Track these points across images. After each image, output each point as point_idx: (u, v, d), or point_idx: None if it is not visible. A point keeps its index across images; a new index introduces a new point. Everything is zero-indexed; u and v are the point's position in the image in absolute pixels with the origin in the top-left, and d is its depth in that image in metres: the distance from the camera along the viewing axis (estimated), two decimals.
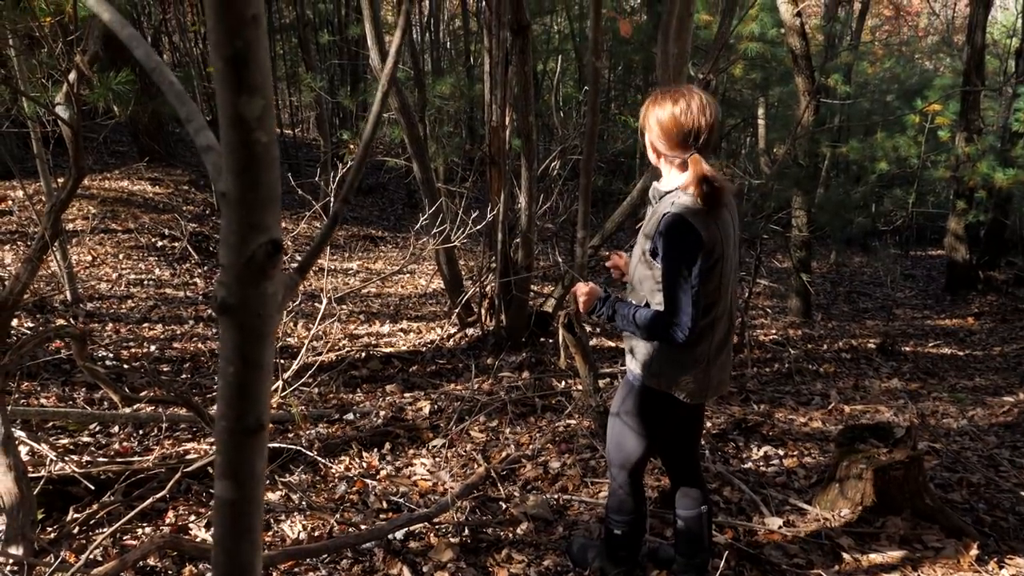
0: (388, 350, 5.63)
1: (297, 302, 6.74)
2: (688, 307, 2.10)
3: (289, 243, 8.88)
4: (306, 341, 3.95)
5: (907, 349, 7.60)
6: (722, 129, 11.46)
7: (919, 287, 12.08)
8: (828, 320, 9.07)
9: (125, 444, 3.70)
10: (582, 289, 2.43)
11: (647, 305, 2.27)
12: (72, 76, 2.73)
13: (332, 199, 4.21)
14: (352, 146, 7.77)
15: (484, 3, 5.55)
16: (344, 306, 7.06)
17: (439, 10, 14.33)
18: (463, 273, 6.65)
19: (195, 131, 0.56)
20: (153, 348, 5.27)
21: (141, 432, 3.86)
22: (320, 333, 5.85)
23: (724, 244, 2.16)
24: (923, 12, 21.41)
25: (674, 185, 2.21)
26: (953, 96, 9.84)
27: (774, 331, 7.93)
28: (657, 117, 2.18)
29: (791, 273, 8.72)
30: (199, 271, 7.64)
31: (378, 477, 3.59)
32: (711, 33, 7.89)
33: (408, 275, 8.70)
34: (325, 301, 4.41)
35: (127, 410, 3.88)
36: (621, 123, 8.64)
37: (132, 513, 2.56)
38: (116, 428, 3.85)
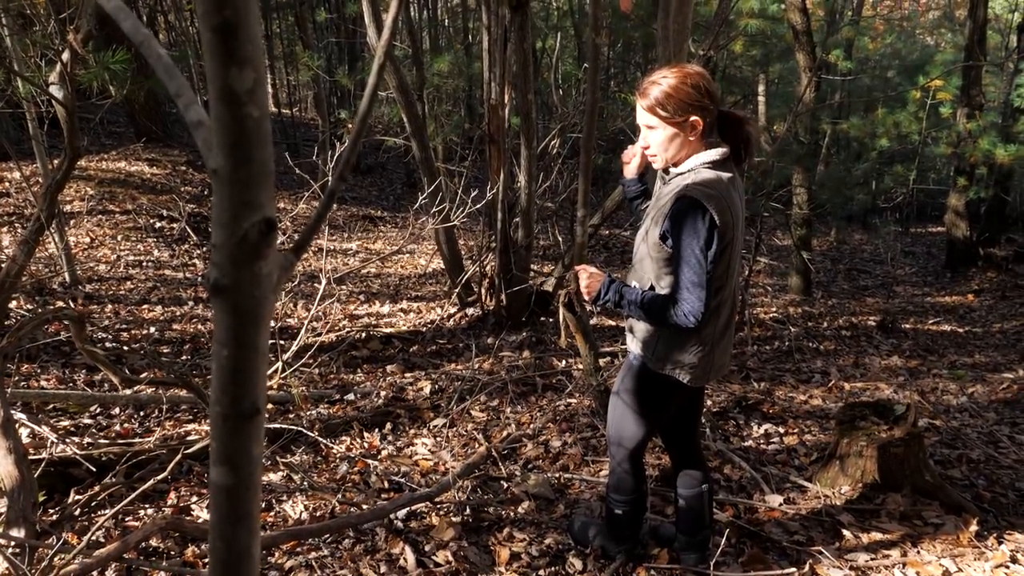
0: (388, 330, 5.62)
1: (296, 283, 6.73)
2: (701, 291, 2.07)
3: (288, 223, 8.85)
4: (306, 322, 3.94)
5: (907, 326, 7.60)
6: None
7: (919, 264, 12.06)
8: (828, 297, 9.06)
9: (126, 426, 3.70)
10: (585, 274, 2.36)
11: (652, 288, 2.24)
12: (66, 56, 2.69)
13: (330, 178, 4.19)
14: (350, 125, 7.71)
15: None
16: (344, 286, 7.05)
17: None
18: (463, 252, 6.62)
19: (185, 106, 0.54)
20: (152, 330, 5.26)
21: (142, 414, 3.86)
22: (320, 314, 5.84)
23: (735, 227, 2.13)
24: None
25: (688, 166, 2.17)
26: (955, 72, 9.76)
27: (774, 309, 7.93)
28: (667, 88, 2.13)
29: (791, 251, 8.70)
30: (198, 252, 7.62)
31: (379, 457, 3.60)
32: (711, 9, 7.81)
33: (408, 255, 8.67)
34: (324, 282, 4.39)
35: (127, 392, 3.88)
36: (621, 101, 8.58)
37: (134, 495, 2.56)
38: (116, 410, 3.85)
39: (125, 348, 4.77)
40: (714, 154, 2.16)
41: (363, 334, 5.48)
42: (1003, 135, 9.21)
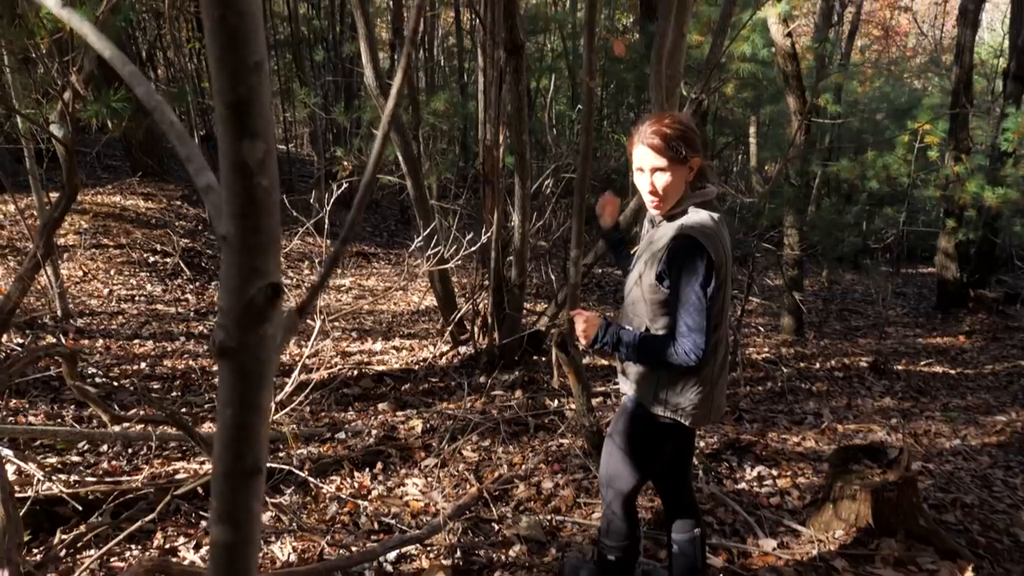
0: (380, 368, 5.61)
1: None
2: (703, 329, 2.09)
3: (281, 259, 8.85)
4: (299, 360, 3.94)
5: (899, 368, 7.62)
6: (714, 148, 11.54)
7: (910, 305, 12.12)
8: (820, 338, 9.09)
9: (114, 463, 3.67)
10: (581, 318, 2.35)
11: (646, 330, 2.25)
12: (67, 95, 2.72)
13: (326, 216, 4.21)
14: (346, 163, 7.78)
15: (479, 23, 5.58)
16: (337, 323, 7.04)
17: (433, 28, 14.40)
18: (456, 290, 6.64)
19: (195, 172, 0.56)
20: (143, 365, 5.24)
21: (130, 451, 3.83)
22: (313, 351, 5.82)
23: (727, 265, 2.17)
24: (911, 32, 21.65)
25: (679, 208, 2.22)
26: (942, 116, 9.92)
27: (767, 349, 7.94)
28: (653, 131, 2.19)
29: (783, 291, 8.74)
30: (191, 287, 7.62)
31: (370, 497, 3.57)
32: (703, 53, 7.94)
33: (401, 291, 8.68)
34: (319, 320, 4.40)
35: (116, 428, 3.85)
36: (614, 142, 8.68)
37: (121, 536, 2.53)
38: (105, 447, 3.82)
39: (115, 384, 4.74)
40: (704, 195, 2.21)
41: (355, 372, 5.46)
42: (991, 178, 9.32)
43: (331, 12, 14.08)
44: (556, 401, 5.05)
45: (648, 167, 2.20)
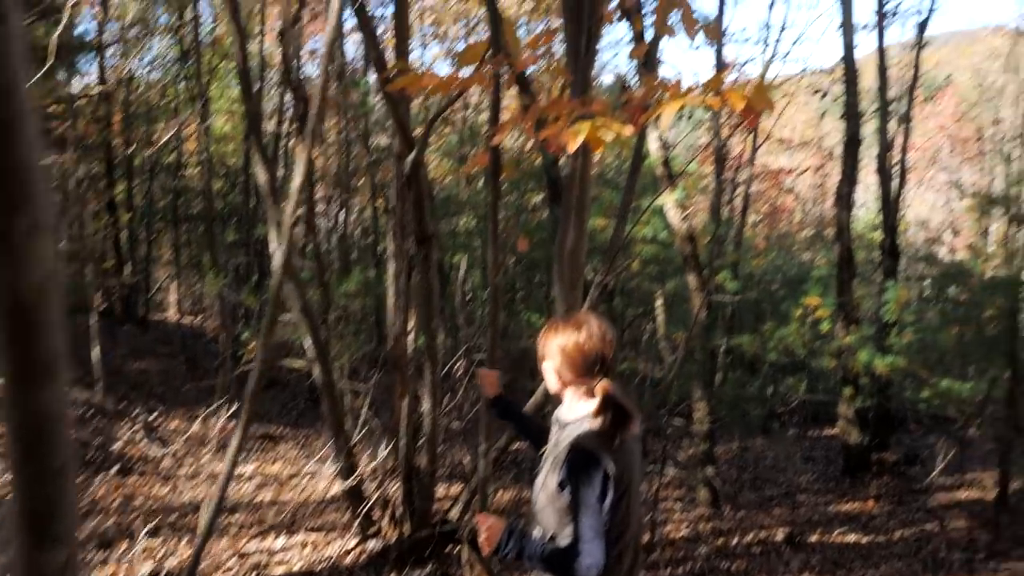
0: (281, 571, 5.22)
1: (182, 515, 6.27)
2: (600, 540, 2.03)
3: (180, 444, 8.44)
4: (185, 568, 3.62)
5: (813, 539, 7.62)
6: (619, 349, 11.90)
7: (819, 470, 12.32)
8: (737, 509, 9.06)
9: None
10: (484, 525, 2.25)
11: (553, 537, 2.18)
12: None
13: (227, 401, 4.05)
14: (252, 345, 7.63)
15: (388, 211, 5.75)
16: (235, 515, 6.60)
17: (348, 203, 14.77)
18: (365, 477, 6.39)
19: None
20: None
21: None
22: (205, 552, 5.39)
23: (631, 471, 2.14)
24: (796, 208, 23.49)
25: (579, 414, 2.21)
26: (829, 288, 10.60)
27: (684, 525, 7.84)
28: (560, 345, 2.23)
29: (697, 462, 8.78)
30: None
31: None
32: (607, 236, 8.36)
33: (308, 477, 8.29)
34: (211, 514, 4.10)
35: None
36: (525, 320, 8.87)
37: None
38: None
39: None
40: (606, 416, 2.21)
41: (253, 575, 5.06)
42: (879, 347, 9.87)
43: (246, 188, 14.27)
44: None
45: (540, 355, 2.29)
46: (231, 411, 7.74)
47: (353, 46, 16.81)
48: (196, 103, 11.29)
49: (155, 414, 9.33)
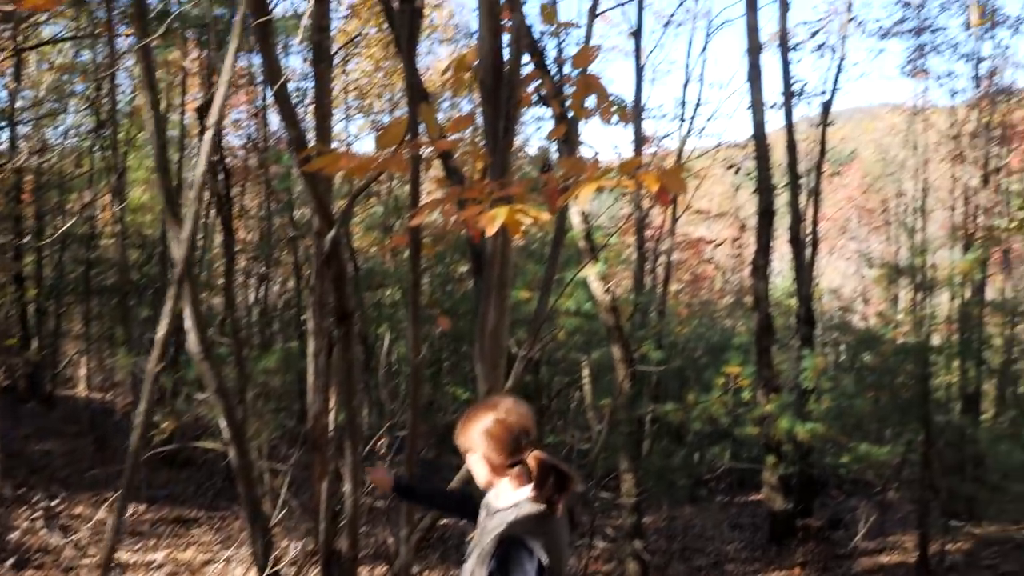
0: None
1: None
2: None
3: (85, 533, 7.93)
4: None
5: None
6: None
7: (746, 537, 12.39)
8: None
9: None
10: None
11: None
12: None
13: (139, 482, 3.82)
14: (165, 425, 7.32)
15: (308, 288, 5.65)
16: None
17: (269, 276, 14.50)
18: (284, 559, 6.10)
19: None
20: None
21: None
22: None
23: (560, 551, 2.09)
24: (716, 277, 24.21)
25: (511, 500, 2.16)
26: (750, 356, 10.86)
27: None
28: (483, 429, 2.18)
29: (626, 534, 8.71)
30: None
31: None
32: (531, 308, 8.40)
33: (224, 563, 7.87)
34: None
35: None
36: (451, 393, 8.77)
37: None
38: None
39: None
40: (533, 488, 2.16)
41: None
42: (799, 414, 10.11)
43: (163, 259, 13.86)
44: None
45: (462, 450, 2.24)
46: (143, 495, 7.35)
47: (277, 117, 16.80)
48: (111, 174, 11.01)
49: (57, 499, 8.76)
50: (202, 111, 6.31)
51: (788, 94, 12.36)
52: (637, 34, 12.39)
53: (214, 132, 4.84)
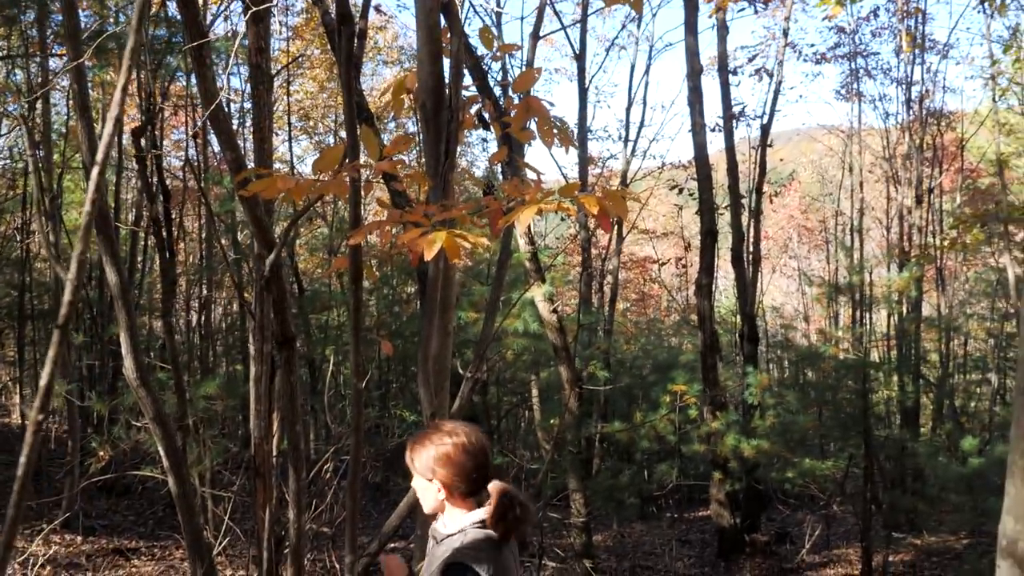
0: None
1: None
2: None
3: (16, 567, 7.61)
4: None
5: None
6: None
7: (695, 553, 12.48)
8: None
9: None
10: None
11: None
12: None
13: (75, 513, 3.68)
14: (101, 453, 7.08)
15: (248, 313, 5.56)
16: None
17: (210, 300, 14.20)
18: None
19: None
20: None
21: None
22: None
23: (509, 574, 2.10)
24: (662, 296, 24.51)
25: (458, 526, 2.13)
26: (696, 374, 11.01)
27: None
28: (443, 454, 2.13)
29: (576, 554, 8.71)
30: None
31: None
32: (478, 329, 8.39)
33: None
34: None
35: None
36: (398, 416, 8.69)
37: None
38: None
39: None
40: (482, 513, 2.13)
41: None
42: (744, 430, 10.25)
43: (100, 284, 13.48)
44: None
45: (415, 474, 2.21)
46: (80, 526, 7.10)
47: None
48: (45, 196, 10.68)
49: None
50: (138, 132, 6.18)
51: (728, 116, 12.67)
52: (580, 57, 12.61)
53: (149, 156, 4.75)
